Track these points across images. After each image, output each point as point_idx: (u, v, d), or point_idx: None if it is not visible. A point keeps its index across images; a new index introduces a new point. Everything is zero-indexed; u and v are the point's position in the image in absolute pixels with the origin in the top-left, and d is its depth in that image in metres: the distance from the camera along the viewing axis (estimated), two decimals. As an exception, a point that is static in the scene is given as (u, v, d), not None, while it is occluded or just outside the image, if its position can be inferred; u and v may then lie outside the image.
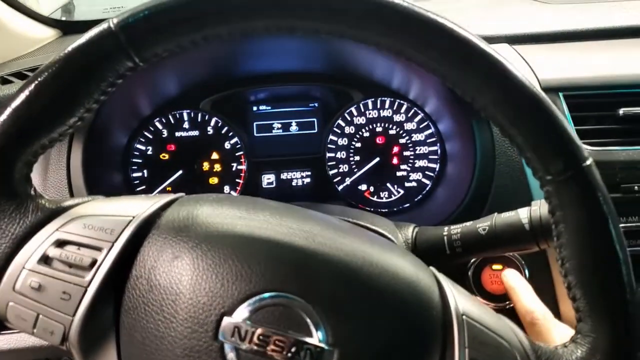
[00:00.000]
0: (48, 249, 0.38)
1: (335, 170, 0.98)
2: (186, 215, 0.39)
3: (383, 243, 0.43)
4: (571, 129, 0.38)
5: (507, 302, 0.72)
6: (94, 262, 0.37)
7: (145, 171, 0.96)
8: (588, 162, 0.38)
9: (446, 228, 0.64)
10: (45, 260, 0.38)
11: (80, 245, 0.38)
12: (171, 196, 0.43)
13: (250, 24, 0.38)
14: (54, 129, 0.40)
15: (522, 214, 0.59)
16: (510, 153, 0.79)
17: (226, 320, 0.34)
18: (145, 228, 0.39)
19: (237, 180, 0.98)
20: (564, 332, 0.56)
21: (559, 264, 0.41)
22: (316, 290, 0.35)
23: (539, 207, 0.59)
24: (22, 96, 0.39)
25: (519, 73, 0.38)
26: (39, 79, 0.39)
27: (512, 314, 0.61)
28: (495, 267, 0.74)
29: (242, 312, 0.34)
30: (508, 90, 0.37)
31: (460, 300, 0.39)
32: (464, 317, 0.38)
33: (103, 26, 0.38)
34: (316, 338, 0.34)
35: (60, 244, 0.39)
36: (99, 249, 0.38)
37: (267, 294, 0.35)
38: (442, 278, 0.42)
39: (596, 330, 0.38)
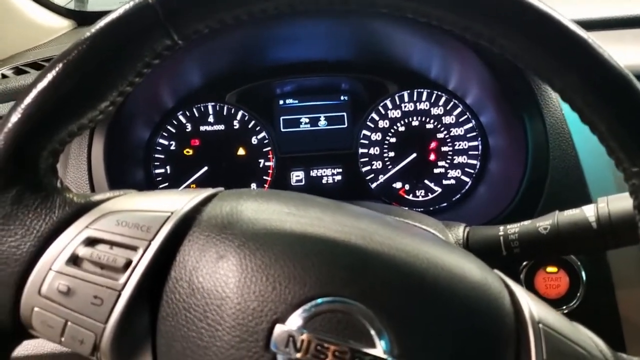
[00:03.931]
0: (77, 248, 0.35)
1: (369, 167, 0.95)
2: (230, 211, 0.36)
3: (445, 244, 0.40)
4: None
5: (563, 307, 0.69)
6: (128, 262, 0.34)
7: (168, 167, 0.93)
8: None
9: (501, 227, 0.60)
10: (75, 260, 0.35)
11: (113, 244, 0.35)
12: (210, 190, 0.40)
13: None
14: (84, 114, 0.37)
15: (588, 212, 0.55)
16: (565, 147, 0.74)
17: (279, 328, 0.31)
18: (185, 225, 0.36)
19: (264, 177, 0.95)
20: None
21: None
22: (378, 295, 0.32)
23: (607, 204, 0.55)
24: (49, 77, 0.36)
25: (605, 52, 0.34)
26: (68, 58, 0.36)
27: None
28: (550, 269, 0.70)
29: (296, 319, 0.31)
30: (592, 71, 0.34)
31: (534, 307, 0.36)
32: (540, 325, 0.34)
33: (140, 0, 0.36)
34: (380, 348, 0.31)
35: (91, 242, 0.36)
36: (134, 249, 0.35)
37: (323, 299, 0.32)
38: (511, 282, 0.38)
39: None
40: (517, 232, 0.58)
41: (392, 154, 0.95)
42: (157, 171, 0.93)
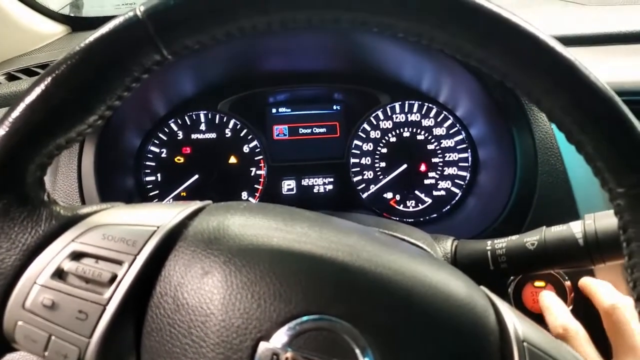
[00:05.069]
0: (63, 262, 0.35)
1: (360, 177, 0.95)
2: (217, 226, 0.36)
3: (431, 259, 0.40)
4: None
5: (550, 322, 0.68)
6: (114, 277, 0.34)
7: (158, 175, 0.93)
8: None
9: (489, 242, 0.60)
10: (60, 274, 0.35)
11: (98, 258, 0.35)
12: (198, 204, 0.40)
13: (291, 14, 0.35)
14: (72, 128, 0.37)
15: (575, 228, 0.56)
16: (554, 162, 0.74)
17: (263, 346, 0.31)
18: (171, 240, 0.36)
19: (256, 186, 0.94)
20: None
21: (630, 286, 0.37)
22: (363, 313, 0.32)
23: (594, 221, 0.55)
24: (37, 90, 0.35)
25: (591, 73, 0.35)
26: (57, 72, 0.35)
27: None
28: (537, 284, 0.70)
29: (281, 337, 0.31)
30: (580, 93, 0.34)
31: (519, 325, 0.36)
32: (524, 343, 0.35)
33: (129, 14, 0.35)
34: None
35: (77, 256, 0.36)
36: (119, 263, 0.35)
37: (308, 317, 0.31)
38: (496, 299, 0.38)
39: None
40: (505, 247, 0.58)
41: (383, 164, 0.94)
42: (147, 179, 0.92)
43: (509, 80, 0.36)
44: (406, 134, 0.94)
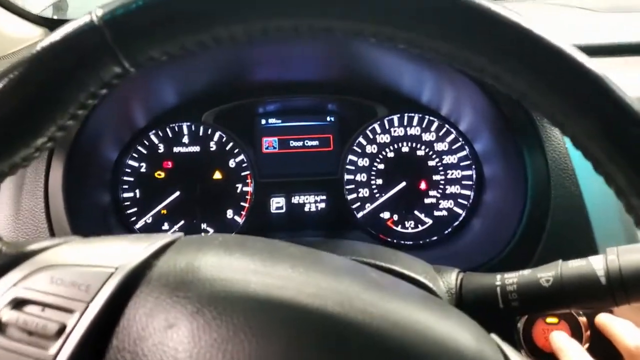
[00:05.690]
0: (2, 311, 0.32)
1: (355, 195, 0.91)
2: (185, 268, 0.33)
3: (435, 305, 0.37)
4: None
5: (562, 362, 0.65)
6: (62, 328, 0.31)
7: (137, 191, 0.89)
8: None
9: (498, 276, 0.56)
10: None
11: (45, 305, 0.32)
12: (166, 238, 0.37)
13: (275, 21, 0.32)
14: (16, 152, 0.34)
15: (596, 264, 0.51)
16: (568, 184, 0.69)
17: None
18: (132, 283, 0.32)
19: (242, 203, 0.91)
20: None
21: None
22: None
23: (617, 256, 0.51)
24: None
25: (626, 95, 0.31)
26: None
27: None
28: (549, 320, 0.66)
29: None
30: (611, 116, 0.31)
31: None
32: None
33: (84, 19, 0.32)
34: None
35: (19, 304, 0.32)
36: (69, 311, 0.31)
37: None
38: (509, 350, 0.36)
39: None
40: (516, 283, 0.54)
41: (380, 181, 0.90)
42: (125, 195, 0.89)
43: (527, 101, 0.33)
44: (405, 149, 0.90)
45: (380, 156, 0.90)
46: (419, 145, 0.90)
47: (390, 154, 0.90)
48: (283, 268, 0.34)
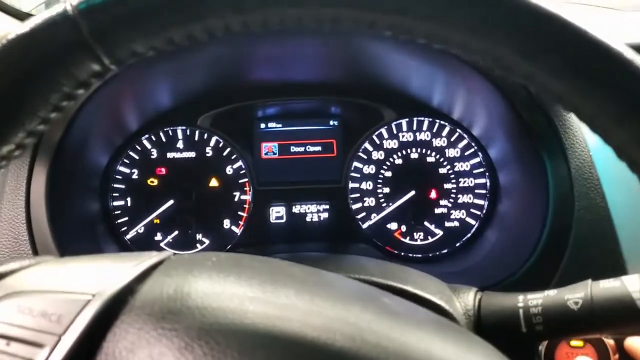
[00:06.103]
0: None
1: (360, 204, 0.89)
2: (173, 294, 0.31)
3: (457, 335, 0.36)
4: None
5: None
6: None
7: (128, 199, 0.87)
8: None
9: (521, 297, 0.53)
10: None
11: (10, 339, 0.30)
12: (153, 258, 0.34)
13: (277, 11, 0.30)
14: None
15: (631, 285, 0.48)
16: (593, 195, 0.66)
17: None
18: (111, 312, 0.30)
19: (239, 213, 0.89)
20: None
21: None
22: None
23: None
24: None
25: None
26: None
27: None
28: (574, 343, 0.63)
29: None
30: None
31: None
32: None
33: (57, 10, 0.30)
34: None
35: None
36: (39, 346, 0.29)
37: None
38: None
39: None
40: (541, 305, 0.51)
41: (387, 190, 0.88)
42: (115, 203, 0.87)
43: (566, 104, 0.31)
44: (414, 156, 0.88)
45: (388, 163, 0.88)
46: (429, 152, 0.88)
47: (398, 161, 0.88)
48: (285, 295, 0.32)
